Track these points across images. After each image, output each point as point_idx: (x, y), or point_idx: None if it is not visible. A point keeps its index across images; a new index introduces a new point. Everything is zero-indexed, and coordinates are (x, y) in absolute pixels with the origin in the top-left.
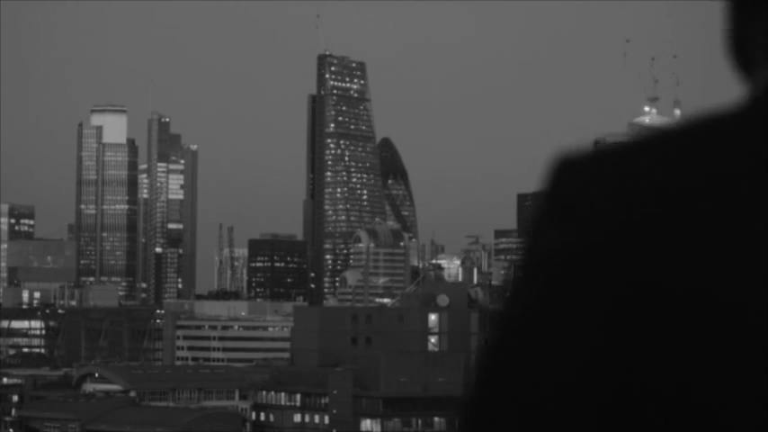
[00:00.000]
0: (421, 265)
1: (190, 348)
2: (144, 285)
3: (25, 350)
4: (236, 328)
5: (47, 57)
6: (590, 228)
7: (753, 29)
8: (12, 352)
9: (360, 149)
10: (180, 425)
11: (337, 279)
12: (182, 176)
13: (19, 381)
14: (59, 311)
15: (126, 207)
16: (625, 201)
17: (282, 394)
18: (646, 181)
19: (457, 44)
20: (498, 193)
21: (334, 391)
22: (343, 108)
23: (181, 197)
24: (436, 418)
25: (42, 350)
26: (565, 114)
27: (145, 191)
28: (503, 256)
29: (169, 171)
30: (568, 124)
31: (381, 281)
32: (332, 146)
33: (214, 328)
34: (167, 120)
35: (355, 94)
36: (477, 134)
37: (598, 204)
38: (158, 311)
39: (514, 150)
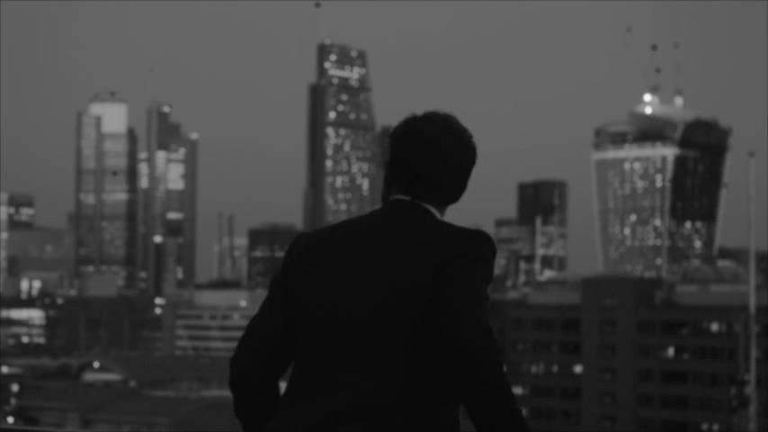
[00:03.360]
0: None
1: (190, 338)
2: (143, 275)
3: (25, 340)
4: (236, 317)
5: (46, 46)
6: (289, 258)
7: (387, 192)
8: (11, 342)
9: (360, 139)
10: (180, 414)
11: None
12: (182, 166)
13: (18, 370)
14: (59, 301)
15: (125, 196)
16: (296, 246)
17: (282, 384)
18: (306, 240)
19: (457, 33)
20: (499, 183)
21: None
22: (344, 97)
23: (181, 186)
24: None
25: (42, 340)
26: (566, 103)
27: (144, 180)
28: (503, 246)
29: (169, 160)
30: (570, 113)
31: None
32: (332, 135)
33: (214, 317)
34: (167, 109)
35: (356, 84)
36: (478, 123)
37: (294, 248)
38: (158, 301)
39: (515, 140)
